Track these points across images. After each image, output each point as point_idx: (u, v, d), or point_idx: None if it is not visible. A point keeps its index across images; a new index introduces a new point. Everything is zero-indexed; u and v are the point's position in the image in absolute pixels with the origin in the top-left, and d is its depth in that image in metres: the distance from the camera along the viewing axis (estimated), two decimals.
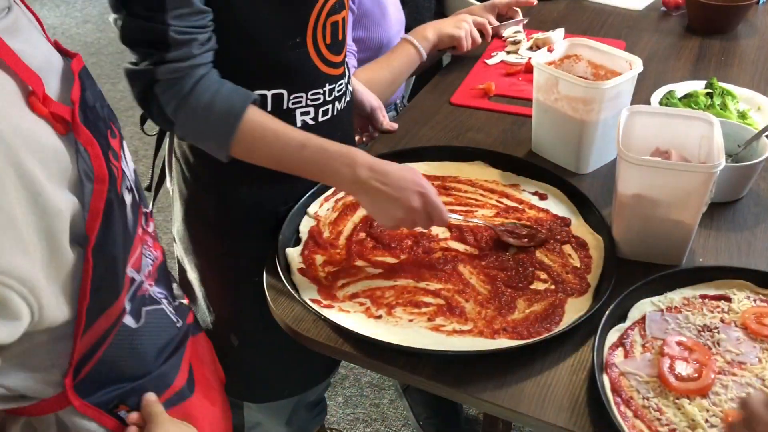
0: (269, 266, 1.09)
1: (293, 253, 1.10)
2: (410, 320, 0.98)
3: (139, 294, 0.80)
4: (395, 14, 1.65)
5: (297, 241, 1.14)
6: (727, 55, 1.67)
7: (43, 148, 0.61)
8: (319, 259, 1.10)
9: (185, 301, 1.01)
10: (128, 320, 0.78)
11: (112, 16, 1.00)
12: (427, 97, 1.57)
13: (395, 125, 1.45)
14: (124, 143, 0.82)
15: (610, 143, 1.27)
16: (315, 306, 0.99)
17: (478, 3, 2.18)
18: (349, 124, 1.33)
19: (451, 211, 1.17)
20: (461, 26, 1.61)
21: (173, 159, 1.28)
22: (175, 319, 0.90)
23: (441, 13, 2.35)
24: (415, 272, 1.06)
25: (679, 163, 0.99)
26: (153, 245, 0.87)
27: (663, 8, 1.93)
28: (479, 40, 1.65)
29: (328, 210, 1.20)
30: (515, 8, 1.78)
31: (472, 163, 1.30)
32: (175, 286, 1.00)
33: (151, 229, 0.88)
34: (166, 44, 0.97)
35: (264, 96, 1.12)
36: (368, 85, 1.48)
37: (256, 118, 1.03)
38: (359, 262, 1.08)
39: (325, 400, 1.72)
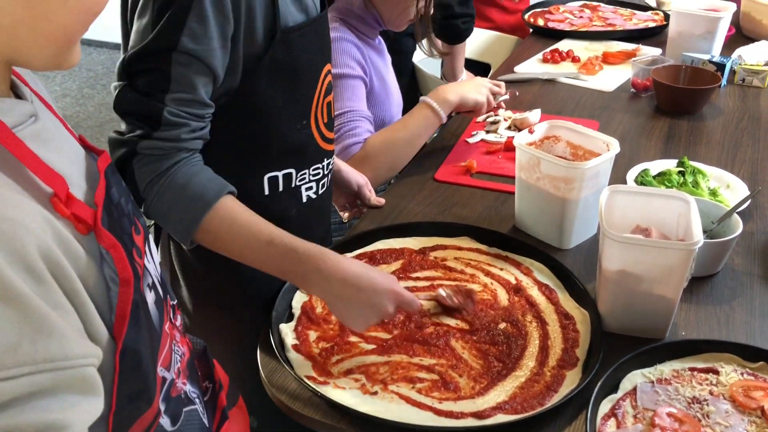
0: (263, 343, 1.10)
1: (287, 329, 1.11)
2: (406, 396, 0.99)
3: (174, 393, 0.79)
4: (396, 96, 1.73)
5: (290, 317, 1.15)
6: (695, 135, 1.76)
7: (69, 246, 0.61)
8: (312, 335, 1.11)
9: (216, 386, 0.97)
10: (165, 422, 0.75)
11: (114, 83, 1.03)
12: (412, 173, 1.62)
13: (382, 201, 1.49)
14: (150, 237, 0.83)
15: (590, 219, 1.32)
16: (310, 383, 0.99)
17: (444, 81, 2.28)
18: (332, 192, 1.40)
19: (440, 285, 1.20)
20: (483, 92, 1.62)
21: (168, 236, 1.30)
22: (206, 421, 0.87)
23: (413, 87, 2.46)
24: (408, 347, 1.08)
25: (661, 241, 1.04)
26: (180, 340, 0.85)
27: (632, 90, 2.03)
28: (494, 104, 1.68)
29: None
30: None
31: (459, 239, 1.34)
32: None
33: (178, 322, 0.88)
34: (157, 122, 0.98)
35: (276, 177, 1.18)
36: (386, 145, 1.54)
37: (229, 207, 1.02)
38: (353, 338, 1.10)
39: None
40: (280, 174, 1.18)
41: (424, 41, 1.66)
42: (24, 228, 0.56)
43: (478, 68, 2.68)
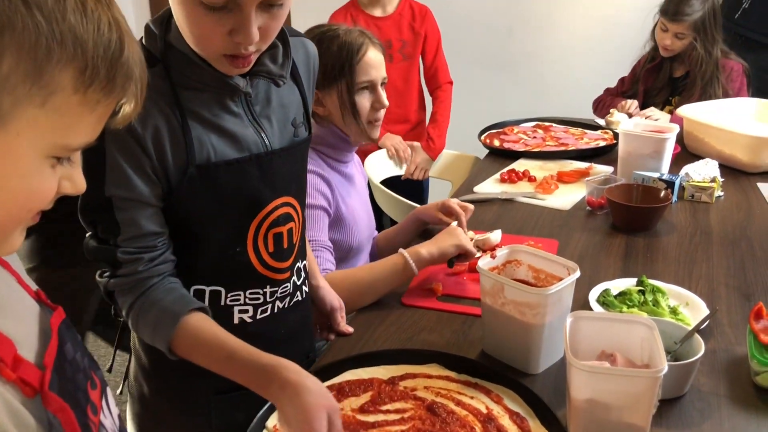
0: None
1: None
2: None
3: None
4: (366, 221, 1.76)
5: None
6: (652, 252, 1.82)
7: (19, 418, 0.59)
8: None
9: None
10: None
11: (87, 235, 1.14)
12: (380, 298, 1.62)
13: (350, 329, 1.48)
14: (108, 390, 0.81)
15: (557, 343, 1.33)
16: None
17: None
18: (300, 320, 1.38)
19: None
20: (456, 234, 1.62)
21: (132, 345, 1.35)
22: None
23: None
24: None
25: (626, 369, 1.05)
26: None
27: (588, 208, 2.11)
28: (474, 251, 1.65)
29: None
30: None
31: (428, 366, 1.33)
32: None
33: None
34: (115, 264, 1.11)
35: (202, 291, 1.21)
36: (345, 282, 1.55)
37: (193, 325, 1.10)
38: None
39: None
40: (207, 289, 1.21)
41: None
42: None
43: (439, 186, 2.77)
